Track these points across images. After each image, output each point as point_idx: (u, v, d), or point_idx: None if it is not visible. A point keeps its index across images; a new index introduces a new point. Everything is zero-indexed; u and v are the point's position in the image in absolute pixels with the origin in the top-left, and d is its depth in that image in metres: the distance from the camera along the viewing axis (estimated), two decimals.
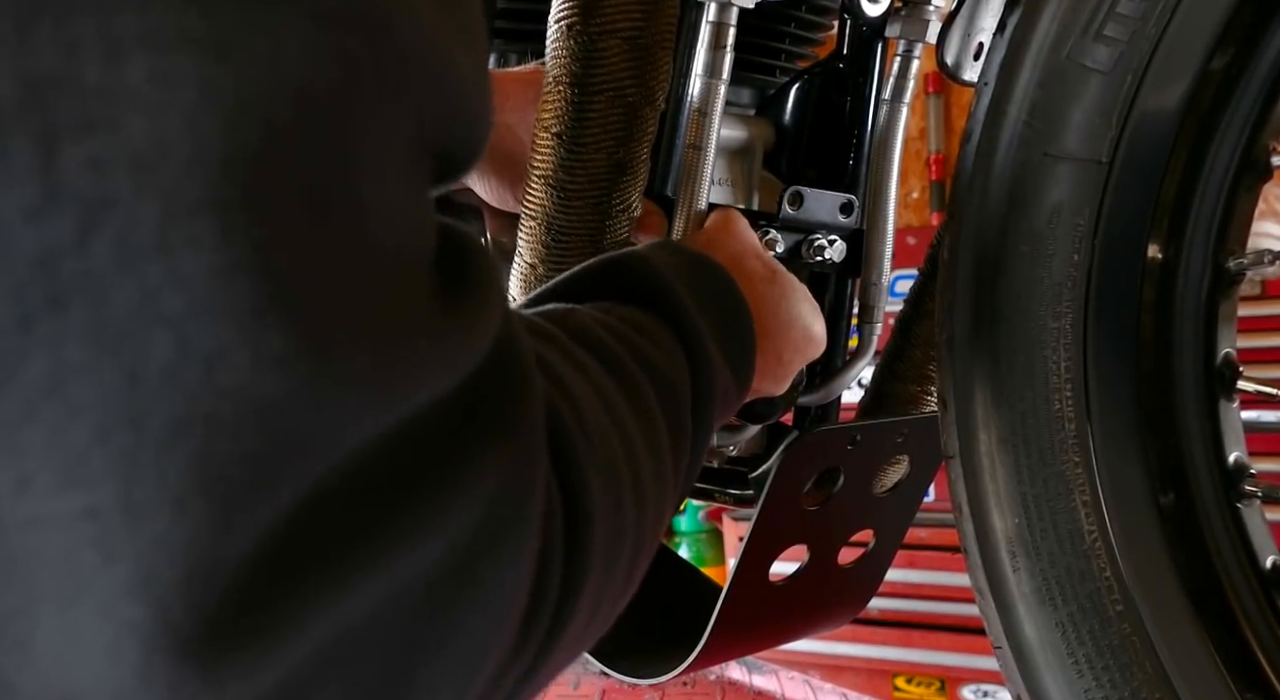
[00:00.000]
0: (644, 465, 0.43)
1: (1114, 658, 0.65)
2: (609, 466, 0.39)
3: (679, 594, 0.92)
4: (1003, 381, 0.67)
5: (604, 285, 0.54)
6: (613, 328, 0.47)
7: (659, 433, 0.46)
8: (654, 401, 0.46)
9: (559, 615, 0.35)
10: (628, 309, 0.51)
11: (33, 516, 0.24)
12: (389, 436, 0.28)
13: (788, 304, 0.66)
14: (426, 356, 0.29)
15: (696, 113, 0.72)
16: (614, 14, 0.66)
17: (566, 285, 0.55)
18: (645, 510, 0.42)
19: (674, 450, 0.47)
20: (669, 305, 0.52)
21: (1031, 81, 0.65)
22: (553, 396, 0.37)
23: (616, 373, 0.44)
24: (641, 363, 0.46)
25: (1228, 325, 0.67)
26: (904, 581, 1.98)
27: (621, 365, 0.45)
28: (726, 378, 0.54)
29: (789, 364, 0.67)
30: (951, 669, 2.02)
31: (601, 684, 1.51)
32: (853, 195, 0.81)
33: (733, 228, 0.69)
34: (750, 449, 0.83)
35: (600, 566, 0.37)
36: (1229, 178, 0.65)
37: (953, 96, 2.94)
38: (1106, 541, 0.65)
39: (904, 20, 0.81)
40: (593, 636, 0.41)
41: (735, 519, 2.23)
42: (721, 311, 0.56)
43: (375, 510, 0.28)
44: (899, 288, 1.58)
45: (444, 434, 0.30)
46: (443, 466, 0.30)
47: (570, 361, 0.42)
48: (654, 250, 0.57)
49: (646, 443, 0.44)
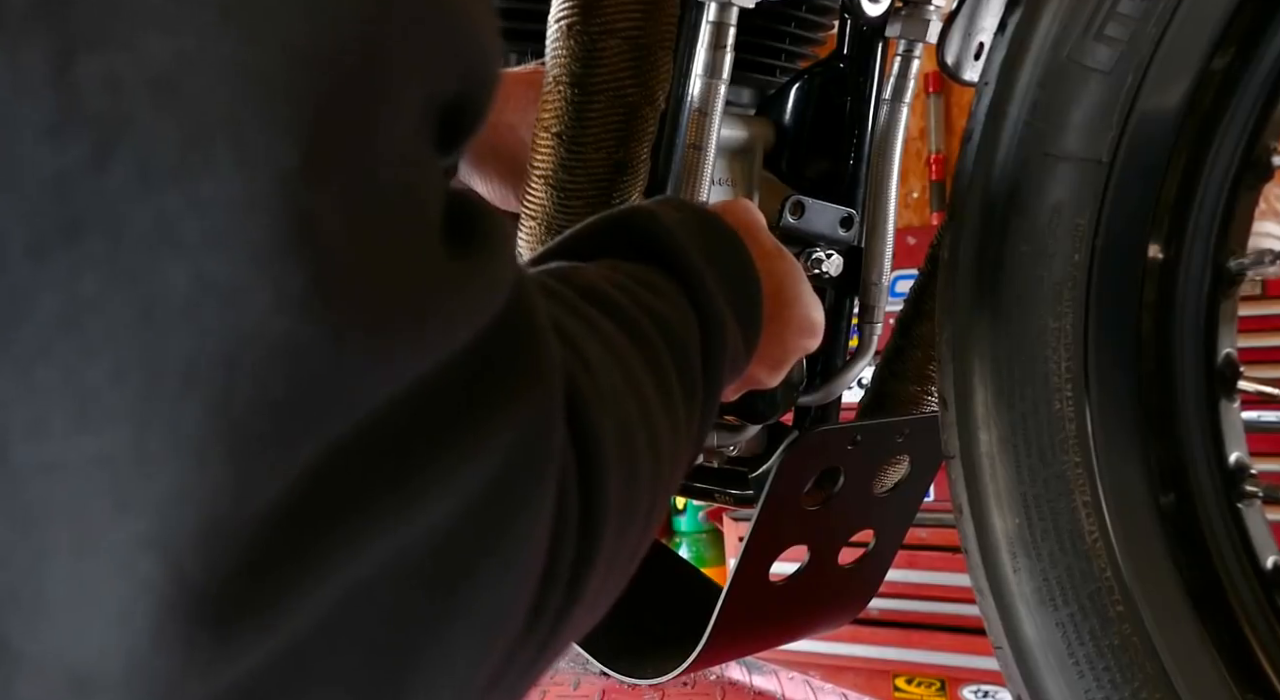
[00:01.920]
0: (658, 421, 0.42)
1: (1114, 658, 0.65)
2: (622, 422, 0.38)
3: (679, 594, 0.92)
4: (1003, 381, 0.67)
5: (609, 242, 0.52)
6: (620, 284, 0.46)
7: (672, 389, 0.44)
8: (666, 357, 0.45)
9: (577, 572, 0.34)
10: (634, 265, 0.50)
11: (46, 462, 0.23)
12: (410, 388, 0.27)
13: (792, 282, 0.64)
14: (447, 307, 0.28)
15: (697, 113, 0.72)
16: (614, 14, 0.66)
17: (570, 243, 0.53)
18: (660, 467, 0.41)
19: (687, 406, 0.46)
20: (676, 261, 0.50)
21: (1032, 81, 0.65)
22: (564, 354, 0.36)
23: (627, 329, 0.43)
24: (651, 318, 0.45)
25: (1228, 325, 0.67)
26: (904, 581, 1.98)
27: (631, 321, 0.44)
28: (735, 335, 0.52)
29: (788, 349, 0.65)
30: (951, 669, 2.01)
31: (601, 684, 1.51)
32: (853, 210, 0.81)
33: (742, 204, 0.68)
34: (750, 449, 0.83)
35: (616, 522, 0.36)
36: (1229, 178, 0.65)
37: (953, 96, 2.94)
38: (1107, 542, 0.65)
39: (904, 20, 0.81)
40: (608, 598, 0.40)
41: (735, 519, 2.23)
42: (729, 269, 0.54)
43: (395, 465, 0.27)
44: (899, 288, 1.58)
45: (461, 387, 0.29)
46: (461, 420, 0.28)
47: (579, 318, 0.41)
48: (661, 206, 0.56)
49: (660, 399, 0.43)
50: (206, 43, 0.23)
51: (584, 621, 0.38)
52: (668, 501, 0.45)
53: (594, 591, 0.36)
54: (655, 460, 0.41)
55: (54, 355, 0.22)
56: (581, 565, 0.34)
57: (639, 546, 0.41)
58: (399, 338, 0.26)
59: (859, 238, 0.82)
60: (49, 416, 0.23)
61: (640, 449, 0.39)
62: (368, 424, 0.26)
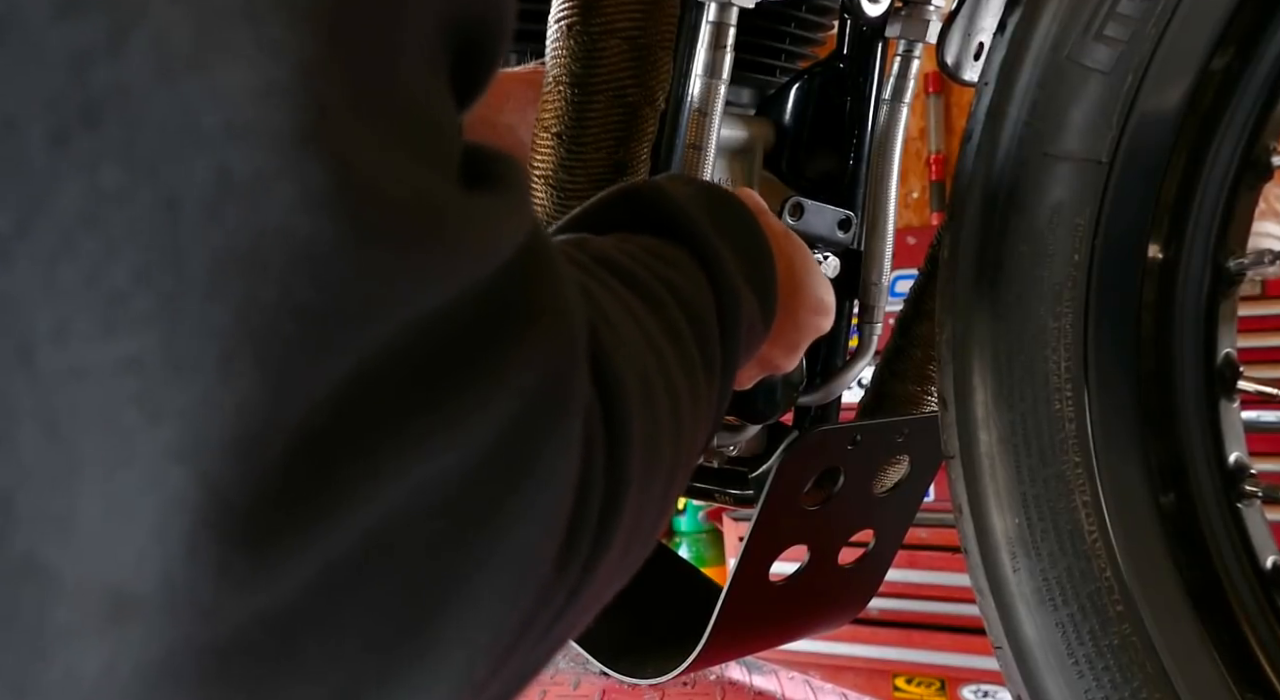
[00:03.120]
0: (678, 382, 0.41)
1: (1114, 658, 0.65)
2: (643, 375, 0.37)
3: (679, 594, 0.92)
4: (1003, 381, 0.67)
5: (618, 216, 0.51)
6: (633, 254, 0.45)
7: (690, 354, 0.44)
8: (683, 325, 0.44)
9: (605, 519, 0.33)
10: (645, 237, 0.49)
11: (74, 367, 0.22)
12: (438, 311, 0.26)
13: (802, 262, 0.64)
14: (472, 232, 0.27)
15: (696, 113, 0.72)
16: (614, 14, 0.66)
17: (579, 218, 0.53)
18: (680, 428, 0.41)
19: (705, 374, 0.45)
20: (688, 233, 0.49)
21: (1032, 81, 0.66)
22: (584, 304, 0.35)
23: (642, 295, 0.42)
24: (666, 287, 0.44)
25: (1228, 325, 0.67)
26: (904, 581, 1.98)
27: (647, 288, 0.43)
28: (752, 306, 0.51)
29: (803, 330, 0.64)
30: (951, 669, 2.02)
31: (601, 684, 1.51)
32: (851, 212, 0.81)
33: (746, 190, 0.67)
34: (750, 449, 0.83)
35: (640, 469, 0.35)
36: (1229, 178, 0.65)
37: (953, 96, 2.94)
38: (1107, 542, 0.65)
39: (904, 20, 0.81)
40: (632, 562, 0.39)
41: (735, 519, 2.23)
42: (742, 240, 0.53)
43: (427, 390, 0.26)
44: (899, 288, 1.58)
45: (488, 316, 0.28)
46: (490, 348, 0.28)
47: (596, 280, 0.40)
48: (669, 180, 0.55)
49: (679, 361, 0.42)
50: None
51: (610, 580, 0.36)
52: (686, 475, 0.44)
53: (619, 549, 0.35)
54: (676, 419, 0.40)
55: (77, 252, 0.22)
56: (608, 512, 0.34)
57: (661, 510, 0.40)
58: (425, 254, 0.26)
59: (856, 240, 0.82)
60: (74, 318, 0.22)
61: (661, 402, 0.38)
62: (399, 345, 0.25)
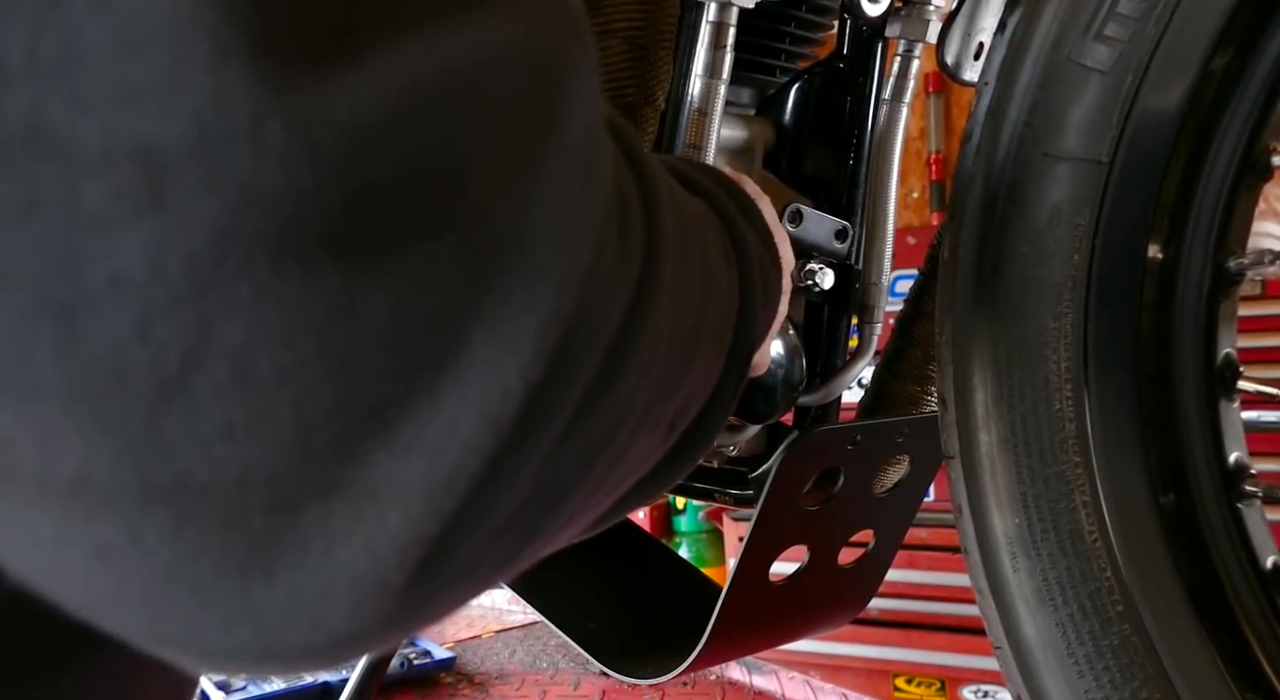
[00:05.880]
0: (712, 253, 0.40)
1: (1114, 658, 0.65)
2: (679, 206, 0.36)
3: (679, 594, 0.92)
4: (1003, 381, 0.67)
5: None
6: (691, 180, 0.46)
7: (722, 242, 0.43)
8: (715, 229, 0.43)
9: (649, 236, 0.31)
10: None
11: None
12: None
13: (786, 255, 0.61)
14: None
15: (696, 112, 0.72)
16: (613, 14, 0.66)
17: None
18: (709, 285, 0.39)
19: (728, 274, 0.44)
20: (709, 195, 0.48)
21: (1032, 81, 0.65)
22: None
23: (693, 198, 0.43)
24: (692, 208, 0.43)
25: (1228, 325, 0.67)
26: (904, 581, 1.98)
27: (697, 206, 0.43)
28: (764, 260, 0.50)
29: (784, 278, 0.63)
30: (951, 669, 2.01)
31: (601, 684, 1.51)
32: (848, 223, 0.81)
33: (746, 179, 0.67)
34: (750, 449, 0.83)
35: (673, 258, 0.33)
36: (1229, 178, 0.65)
37: (953, 96, 2.94)
38: (1107, 542, 0.65)
39: (904, 20, 0.81)
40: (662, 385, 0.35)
41: (735, 519, 2.23)
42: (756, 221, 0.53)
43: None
44: (899, 288, 1.58)
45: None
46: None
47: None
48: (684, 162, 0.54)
49: (714, 241, 0.42)
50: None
51: (651, 372, 0.33)
52: (710, 358, 0.41)
53: (652, 336, 0.32)
54: (705, 274, 0.39)
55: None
56: (651, 233, 0.31)
57: (686, 356, 0.37)
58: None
59: (852, 253, 0.82)
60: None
61: (693, 237, 0.37)
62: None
